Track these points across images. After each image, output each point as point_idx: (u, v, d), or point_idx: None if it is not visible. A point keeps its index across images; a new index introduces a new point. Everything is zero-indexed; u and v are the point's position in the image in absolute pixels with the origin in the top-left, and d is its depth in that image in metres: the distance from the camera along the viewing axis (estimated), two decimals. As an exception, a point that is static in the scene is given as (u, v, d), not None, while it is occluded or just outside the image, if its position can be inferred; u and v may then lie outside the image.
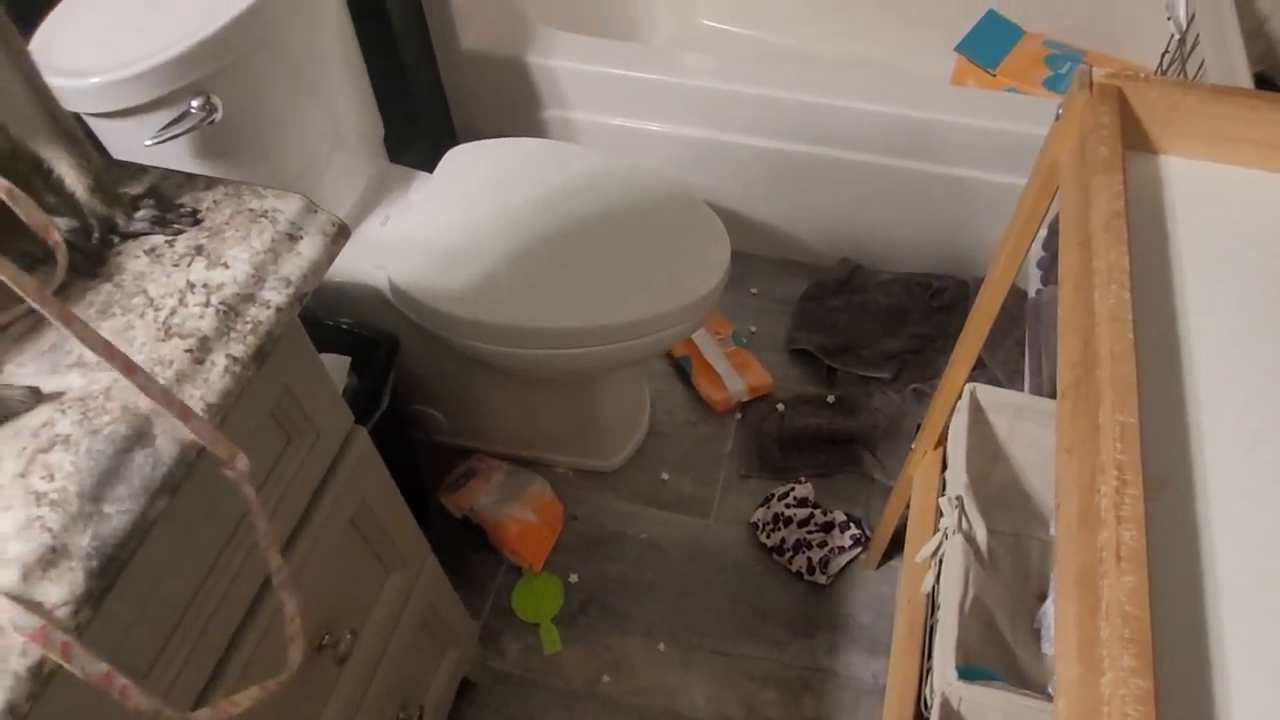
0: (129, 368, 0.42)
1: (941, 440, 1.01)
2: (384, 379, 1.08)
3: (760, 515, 1.33)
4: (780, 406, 1.46)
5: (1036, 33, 1.72)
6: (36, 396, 0.45)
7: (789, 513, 1.31)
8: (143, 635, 0.50)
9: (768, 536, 1.30)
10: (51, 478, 0.43)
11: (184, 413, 0.43)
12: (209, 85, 0.91)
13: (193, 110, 0.90)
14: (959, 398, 0.95)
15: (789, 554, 1.28)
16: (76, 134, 0.52)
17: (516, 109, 1.57)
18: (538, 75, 1.51)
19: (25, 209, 0.48)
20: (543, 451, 1.42)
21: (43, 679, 0.38)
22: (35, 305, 0.40)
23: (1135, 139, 0.63)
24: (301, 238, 0.54)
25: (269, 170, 1.05)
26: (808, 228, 1.63)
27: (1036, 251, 1.35)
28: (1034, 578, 1.01)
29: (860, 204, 1.55)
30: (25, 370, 0.47)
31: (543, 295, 1.08)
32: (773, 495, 1.34)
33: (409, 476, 1.23)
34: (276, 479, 0.59)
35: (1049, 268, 1.35)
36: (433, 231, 1.15)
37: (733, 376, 1.48)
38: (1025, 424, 0.96)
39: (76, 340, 0.46)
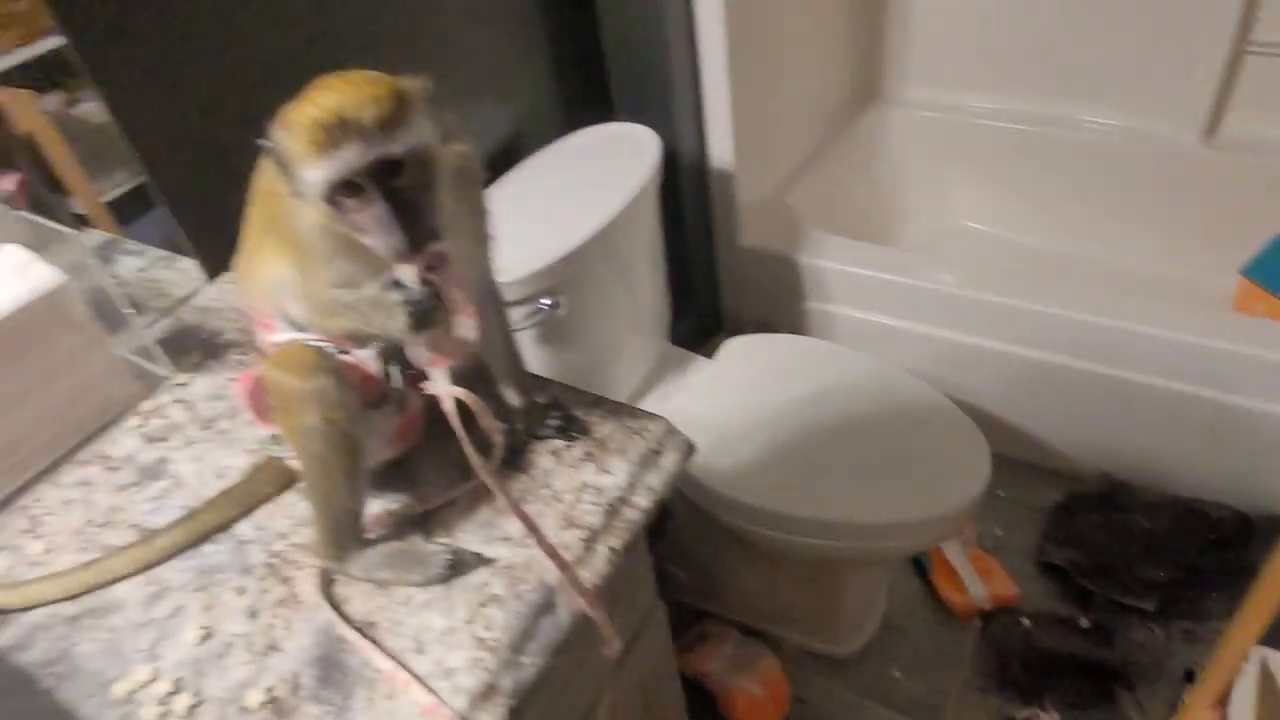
0: (566, 569, 0.56)
1: (1222, 701, 0.95)
2: (651, 543, 1.21)
3: (999, 736, 1.28)
4: (1026, 621, 1.41)
5: (1337, 258, 1.63)
6: (480, 560, 0.61)
7: (1032, 740, 1.25)
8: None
9: (1006, 762, 1.25)
10: (489, 628, 0.57)
11: (593, 601, 0.56)
12: (559, 287, 1.14)
13: (544, 307, 1.13)
14: (1245, 660, 0.90)
15: (1030, 787, 1.21)
16: (519, 356, 0.70)
17: (781, 300, 1.72)
18: (805, 273, 1.66)
19: (483, 416, 0.65)
20: (776, 626, 1.47)
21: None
22: (506, 504, 0.56)
23: None
24: (663, 454, 0.68)
25: (580, 351, 1.26)
26: (1066, 437, 1.61)
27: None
28: None
29: (1128, 421, 1.51)
30: (468, 537, 0.63)
31: (805, 486, 1.18)
32: (1014, 718, 1.29)
33: (656, 632, 1.33)
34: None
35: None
36: (709, 414, 1.30)
37: (975, 581, 1.46)
38: (1328, 703, 0.88)
39: (505, 519, 0.62)
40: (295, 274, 0.55)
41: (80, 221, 0.91)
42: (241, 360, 0.83)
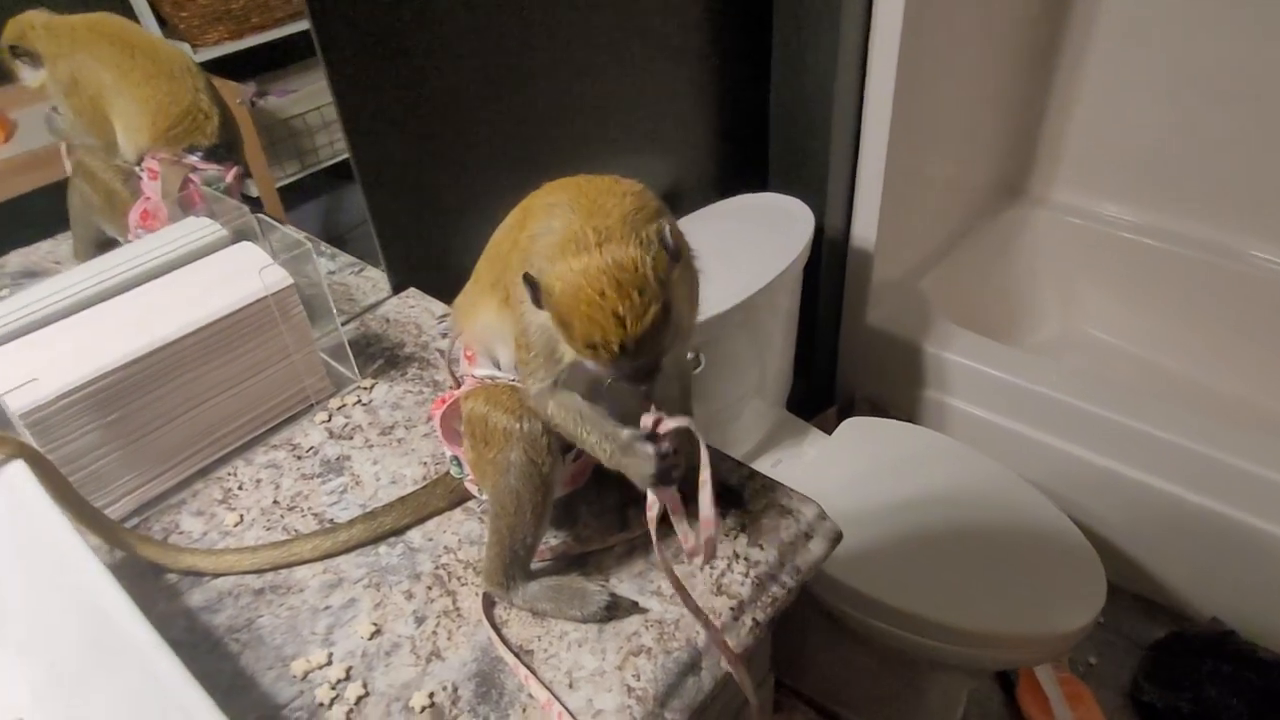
0: (720, 641, 0.59)
1: None
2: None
3: None
4: (1112, 758, 1.36)
5: None
6: (635, 608, 0.65)
7: None
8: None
9: None
10: (638, 677, 0.61)
11: (735, 661, 0.59)
12: (699, 345, 1.18)
13: (685, 362, 1.17)
14: None
15: None
16: (691, 412, 0.74)
17: (899, 384, 1.73)
18: (929, 361, 1.66)
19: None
20: (848, 711, 1.45)
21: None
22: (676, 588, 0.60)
23: None
24: (813, 537, 0.71)
25: (703, 408, 1.30)
26: (1177, 573, 1.55)
27: None
28: None
29: (1246, 568, 1.45)
30: (623, 586, 0.67)
31: (910, 579, 1.18)
32: None
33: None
34: (726, 702, 0.74)
35: None
36: (820, 489, 1.30)
37: (1062, 706, 1.42)
38: None
39: (660, 572, 0.65)
40: (515, 350, 0.60)
41: (252, 202, 1.00)
42: (420, 374, 0.90)
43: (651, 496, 0.59)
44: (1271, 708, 1.38)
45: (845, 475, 1.33)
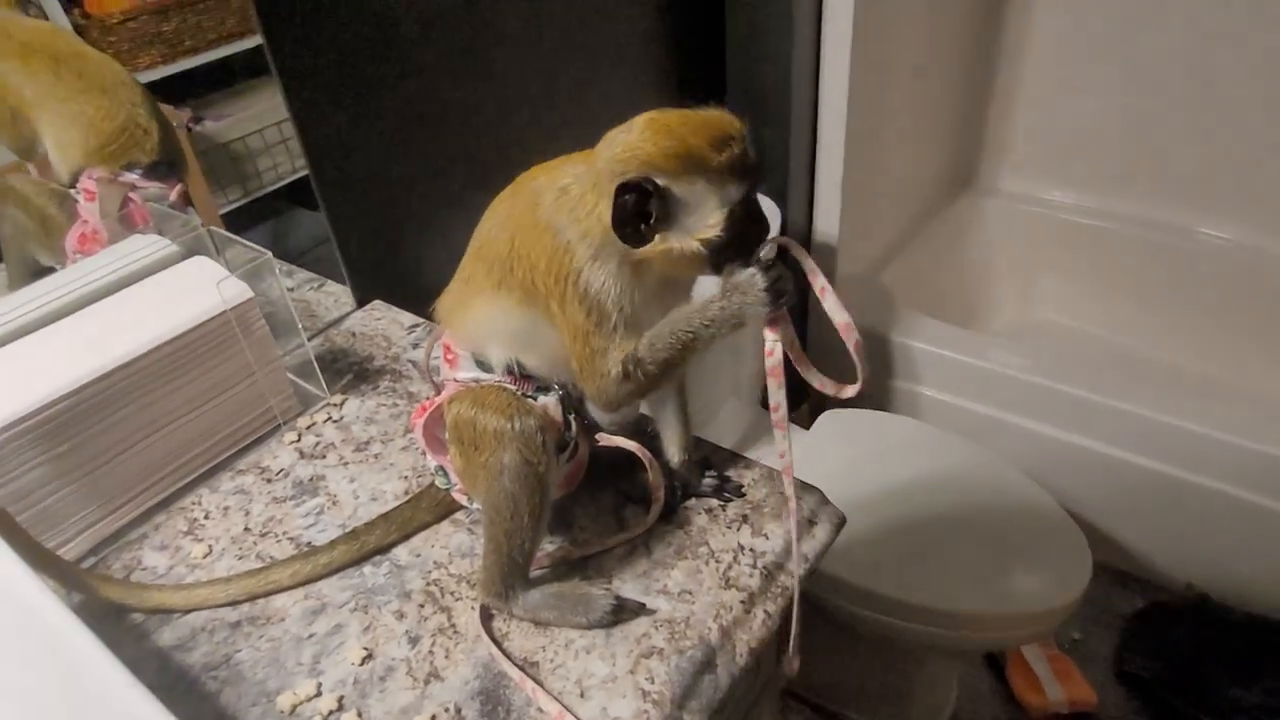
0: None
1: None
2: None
3: None
4: (1105, 731, 1.37)
5: None
6: (642, 610, 0.62)
7: None
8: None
9: None
10: (652, 680, 0.58)
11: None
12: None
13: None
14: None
15: None
16: (688, 415, 0.72)
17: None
18: (896, 351, 1.67)
19: (652, 471, 0.67)
20: (845, 707, 1.44)
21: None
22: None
23: None
24: (817, 524, 0.69)
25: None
26: (1151, 544, 1.57)
27: None
28: None
29: (1217, 533, 1.48)
30: (626, 587, 0.64)
31: (898, 567, 1.17)
32: (1092, 832, 1.24)
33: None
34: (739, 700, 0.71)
35: None
36: (803, 483, 1.30)
37: (1052, 683, 1.42)
38: None
39: (663, 570, 0.63)
40: (578, 340, 0.57)
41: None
42: (393, 387, 0.86)
43: (769, 337, 0.58)
44: (1249, 666, 1.40)
45: (826, 468, 1.32)
